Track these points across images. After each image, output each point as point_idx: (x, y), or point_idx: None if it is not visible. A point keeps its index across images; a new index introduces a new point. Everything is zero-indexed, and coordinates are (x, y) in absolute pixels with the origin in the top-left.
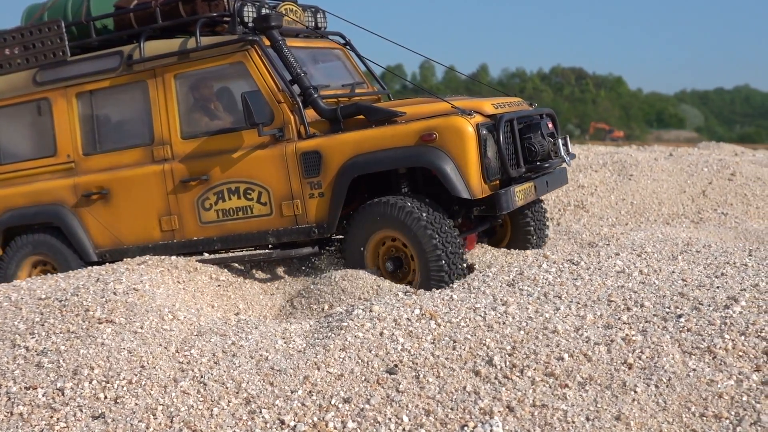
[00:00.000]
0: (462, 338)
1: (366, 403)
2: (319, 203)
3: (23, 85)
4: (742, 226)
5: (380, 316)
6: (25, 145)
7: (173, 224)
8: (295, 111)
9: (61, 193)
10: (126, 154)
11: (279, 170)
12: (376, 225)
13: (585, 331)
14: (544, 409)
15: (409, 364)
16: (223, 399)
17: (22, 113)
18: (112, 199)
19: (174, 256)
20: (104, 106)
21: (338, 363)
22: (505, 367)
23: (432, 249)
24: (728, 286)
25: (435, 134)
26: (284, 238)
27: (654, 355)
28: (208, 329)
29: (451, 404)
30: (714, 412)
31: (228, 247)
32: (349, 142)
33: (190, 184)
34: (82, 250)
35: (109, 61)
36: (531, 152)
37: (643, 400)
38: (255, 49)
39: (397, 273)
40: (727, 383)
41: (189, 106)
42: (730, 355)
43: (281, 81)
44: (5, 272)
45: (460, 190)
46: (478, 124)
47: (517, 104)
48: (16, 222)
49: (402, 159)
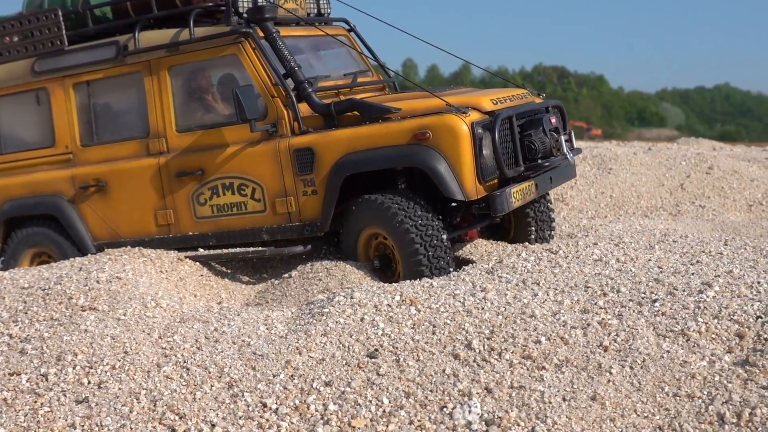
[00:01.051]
0: (441, 323)
1: (347, 386)
2: (313, 201)
3: (22, 74)
4: (719, 218)
5: (361, 302)
6: (25, 135)
7: (169, 218)
8: (288, 106)
9: (59, 185)
10: (123, 146)
11: (272, 167)
12: (365, 222)
13: (562, 315)
14: (521, 391)
15: (389, 349)
16: (206, 383)
17: (22, 103)
18: (109, 192)
19: (170, 251)
20: (101, 97)
21: (319, 348)
22: (484, 351)
23: (413, 251)
24: (703, 273)
25: (428, 133)
26: (278, 236)
27: (629, 337)
28: (190, 316)
29: (431, 386)
30: (687, 392)
31: (222, 243)
32: (342, 139)
33: (185, 178)
34: (81, 243)
35: (105, 51)
36: (531, 150)
37: (618, 381)
38: (249, 41)
39: (386, 271)
40: (700, 364)
41: (184, 99)
42: (704, 337)
43: (275, 75)
44: (6, 264)
45: (453, 191)
46: (473, 123)
47: (520, 97)
48: (17, 213)
49: (394, 158)
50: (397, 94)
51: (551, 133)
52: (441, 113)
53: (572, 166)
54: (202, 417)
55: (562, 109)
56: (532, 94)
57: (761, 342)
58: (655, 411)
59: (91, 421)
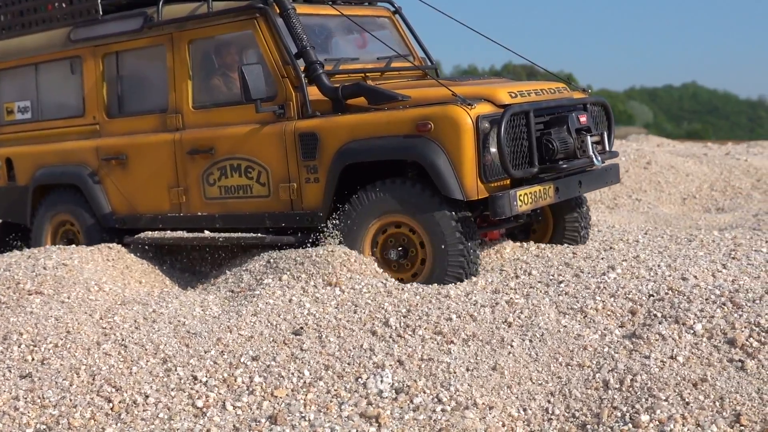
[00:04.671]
0: (363, 303)
1: (272, 361)
2: (315, 189)
3: (60, 42)
4: (654, 211)
5: (289, 284)
6: (60, 103)
7: (180, 197)
8: (298, 87)
9: (85, 155)
10: (144, 120)
11: (278, 150)
12: (383, 210)
13: (474, 295)
14: (430, 362)
15: (313, 327)
16: (142, 359)
17: (58, 71)
18: (129, 166)
19: (180, 230)
20: (127, 69)
21: (249, 326)
22: (399, 327)
23: (454, 248)
24: (611, 258)
25: (430, 124)
26: (280, 223)
27: (532, 314)
28: (131, 299)
29: (348, 360)
30: (578, 362)
31: (228, 227)
32: (345, 126)
33: (197, 156)
34: (101, 215)
35: (133, 22)
36: (548, 150)
37: (518, 353)
38: (264, 17)
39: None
40: (592, 337)
41: (201, 75)
42: (600, 314)
43: (287, 54)
44: (34, 232)
45: (451, 189)
46: (478, 116)
47: (553, 91)
48: (46, 180)
49: (393, 149)
50: (414, 82)
51: (578, 132)
52: (445, 104)
53: (614, 170)
54: (137, 389)
55: (607, 108)
56: (573, 89)
57: (651, 318)
58: (548, 379)
59: (33, 394)
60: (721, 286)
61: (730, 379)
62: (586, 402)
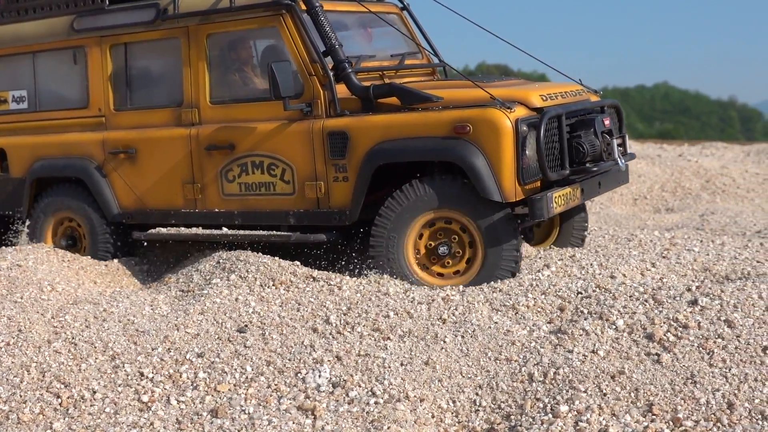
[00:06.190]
0: (306, 301)
1: (216, 357)
2: (343, 188)
3: (61, 31)
4: (605, 211)
5: (236, 284)
6: (60, 93)
7: (196, 193)
8: (326, 86)
9: (89, 148)
10: (155, 113)
11: (304, 148)
12: (429, 204)
13: (412, 293)
14: (366, 358)
15: (257, 324)
16: (91, 356)
17: (59, 60)
18: (138, 160)
19: (194, 226)
20: (137, 61)
21: (196, 324)
22: (340, 325)
23: (510, 244)
24: (548, 257)
25: (469, 127)
26: (305, 221)
27: (466, 311)
28: (83, 299)
29: (290, 356)
30: (506, 356)
31: (248, 224)
32: (378, 125)
33: (215, 152)
34: (107, 209)
35: (144, 14)
36: (578, 152)
37: (450, 348)
38: (290, 14)
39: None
40: (521, 333)
41: (220, 70)
42: (530, 310)
43: (314, 52)
44: (33, 229)
45: (491, 191)
46: (518, 119)
47: (574, 94)
48: (46, 173)
49: (430, 151)
50: (442, 82)
51: (603, 135)
52: (484, 106)
53: (625, 171)
54: (85, 385)
55: (619, 110)
56: (588, 91)
57: (578, 314)
58: (477, 372)
59: None
60: (645, 283)
61: (646, 372)
62: (512, 394)
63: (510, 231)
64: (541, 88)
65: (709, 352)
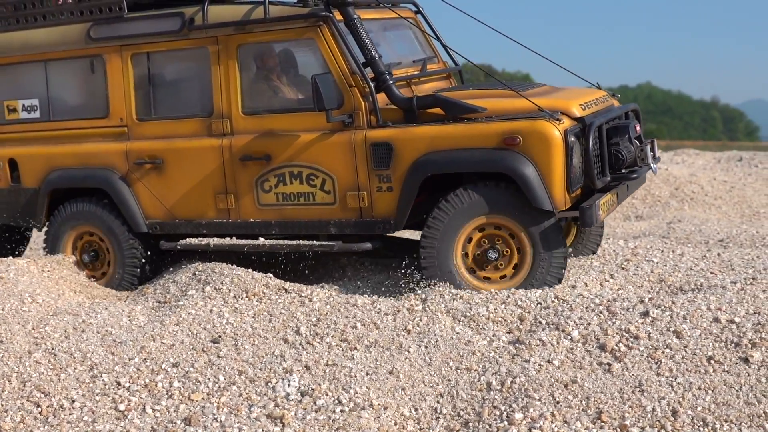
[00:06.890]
0: (278, 313)
1: (191, 367)
2: (387, 198)
3: (77, 39)
4: None
5: (211, 295)
6: (76, 103)
7: (229, 203)
8: (366, 97)
9: (111, 158)
10: (183, 123)
11: (346, 158)
12: (480, 210)
13: (379, 304)
14: (334, 367)
15: (231, 335)
16: (71, 366)
17: (74, 69)
18: (165, 170)
19: (228, 236)
20: (162, 71)
21: (171, 335)
22: (309, 335)
23: (558, 249)
24: None
25: (519, 138)
26: (347, 230)
27: (430, 322)
28: (63, 310)
29: (261, 366)
30: (467, 366)
31: (286, 233)
32: (425, 137)
33: (250, 163)
34: (133, 221)
35: (169, 23)
36: (617, 159)
37: (414, 358)
38: (328, 25)
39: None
40: (481, 343)
41: (252, 80)
42: (491, 321)
43: (354, 63)
44: (50, 242)
45: (542, 200)
46: (566, 131)
47: (602, 100)
48: (65, 184)
49: (481, 162)
50: (476, 90)
51: (636, 140)
52: (533, 118)
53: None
54: (64, 394)
55: (638, 114)
56: (611, 97)
57: (536, 324)
58: (439, 381)
59: None
60: (602, 295)
61: (597, 380)
62: (471, 402)
63: (559, 238)
64: (578, 97)
65: (657, 362)
